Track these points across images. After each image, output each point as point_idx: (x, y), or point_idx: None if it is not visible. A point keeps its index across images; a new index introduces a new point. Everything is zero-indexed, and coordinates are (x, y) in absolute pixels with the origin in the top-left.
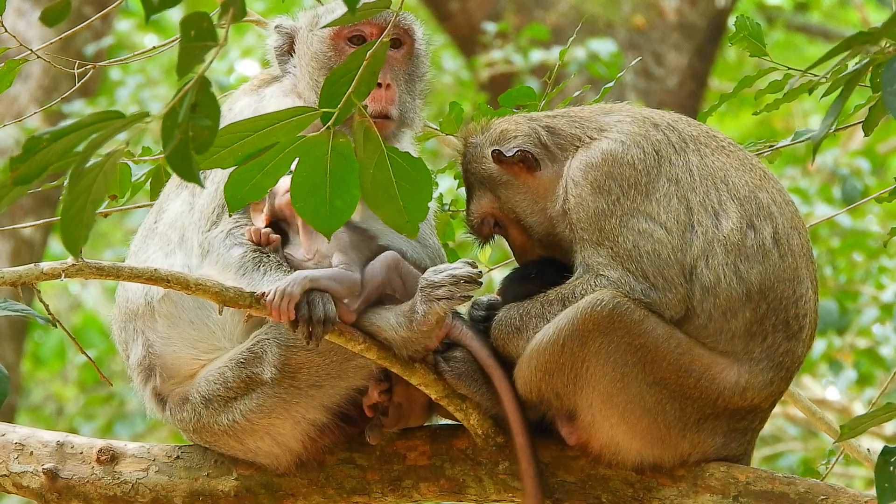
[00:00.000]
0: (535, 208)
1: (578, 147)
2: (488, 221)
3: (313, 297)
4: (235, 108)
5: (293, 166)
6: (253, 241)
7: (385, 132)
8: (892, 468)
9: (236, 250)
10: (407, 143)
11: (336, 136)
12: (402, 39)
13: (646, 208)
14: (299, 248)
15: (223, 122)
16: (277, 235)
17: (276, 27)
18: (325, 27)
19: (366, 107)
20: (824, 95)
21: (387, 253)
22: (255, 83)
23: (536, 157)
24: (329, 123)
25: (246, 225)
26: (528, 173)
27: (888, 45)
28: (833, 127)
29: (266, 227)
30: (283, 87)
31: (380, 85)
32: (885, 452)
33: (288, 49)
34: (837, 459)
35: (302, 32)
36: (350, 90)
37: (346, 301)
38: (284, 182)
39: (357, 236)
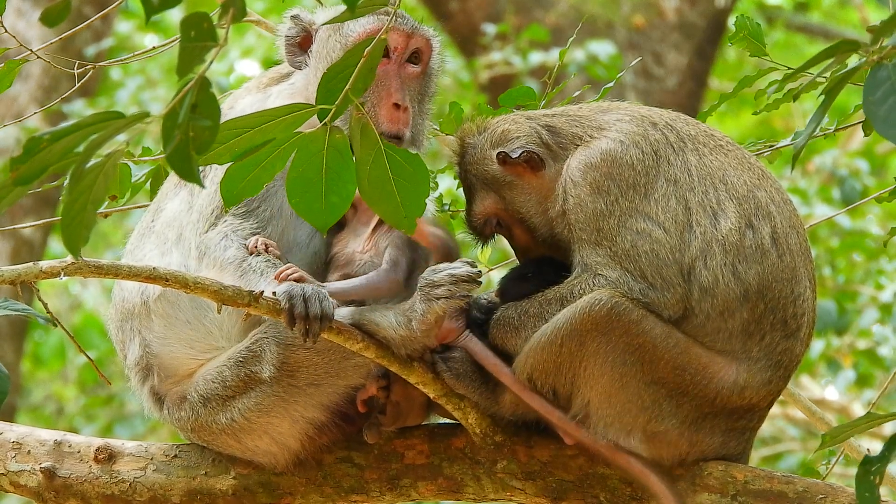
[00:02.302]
0: (540, 209)
1: (578, 146)
2: (491, 222)
3: (310, 294)
4: (238, 107)
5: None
6: (249, 251)
7: None
8: (872, 478)
9: (232, 251)
10: None
11: (333, 132)
12: (421, 53)
13: (644, 208)
14: (355, 239)
15: (224, 121)
16: (274, 243)
17: (293, 17)
18: (326, 23)
19: (363, 104)
20: (821, 94)
21: (389, 276)
22: (262, 82)
23: (541, 157)
24: (326, 120)
25: (242, 224)
26: (531, 173)
27: (884, 45)
28: (811, 137)
29: None
30: (293, 88)
31: (397, 106)
32: (866, 462)
33: (300, 42)
34: (838, 459)
35: (321, 32)
36: (347, 86)
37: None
38: None
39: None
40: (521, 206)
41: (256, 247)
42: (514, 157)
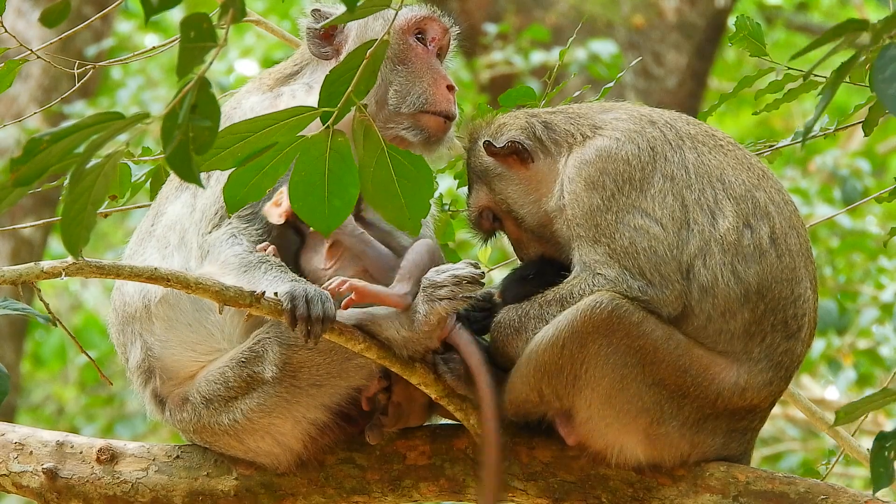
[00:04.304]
0: (527, 200)
1: (573, 144)
2: (486, 215)
3: (312, 295)
4: (244, 106)
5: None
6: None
7: (448, 133)
8: (887, 453)
9: (237, 249)
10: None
11: (335, 135)
12: (442, 50)
13: (641, 204)
14: (318, 254)
15: (228, 121)
16: (273, 246)
17: (314, 10)
18: (324, 25)
19: (366, 106)
20: (820, 94)
21: (426, 240)
22: (266, 82)
23: (528, 148)
24: (328, 123)
25: (247, 228)
26: (521, 165)
27: (885, 39)
28: (822, 113)
29: (284, 222)
30: (307, 82)
31: (450, 88)
32: (881, 437)
33: (324, 35)
34: (838, 459)
35: (356, 23)
36: (350, 89)
37: (397, 288)
38: None
39: (379, 236)
40: (507, 196)
41: (265, 251)
42: (497, 146)
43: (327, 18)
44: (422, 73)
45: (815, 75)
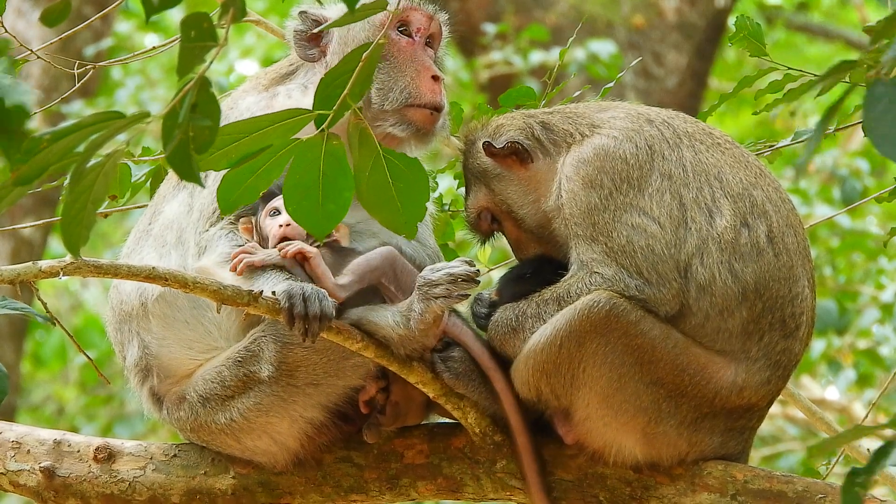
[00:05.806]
0: (527, 200)
1: (571, 144)
2: (485, 216)
3: (310, 293)
4: (240, 107)
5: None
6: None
7: (437, 124)
8: (857, 489)
9: (237, 243)
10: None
11: (330, 138)
12: (433, 38)
13: (639, 203)
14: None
15: (225, 121)
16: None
17: (301, 13)
18: (330, 26)
19: (361, 108)
20: (819, 94)
21: (387, 247)
22: (261, 82)
23: (528, 148)
24: (323, 126)
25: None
26: (520, 166)
27: (879, 60)
28: (818, 142)
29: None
30: (303, 83)
31: (435, 78)
32: (853, 473)
33: (310, 37)
34: (838, 460)
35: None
36: (345, 92)
37: (337, 280)
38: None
39: (339, 257)
40: (507, 197)
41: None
42: (497, 146)
43: (314, 21)
44: (404, 67)
45: (813, 75)
